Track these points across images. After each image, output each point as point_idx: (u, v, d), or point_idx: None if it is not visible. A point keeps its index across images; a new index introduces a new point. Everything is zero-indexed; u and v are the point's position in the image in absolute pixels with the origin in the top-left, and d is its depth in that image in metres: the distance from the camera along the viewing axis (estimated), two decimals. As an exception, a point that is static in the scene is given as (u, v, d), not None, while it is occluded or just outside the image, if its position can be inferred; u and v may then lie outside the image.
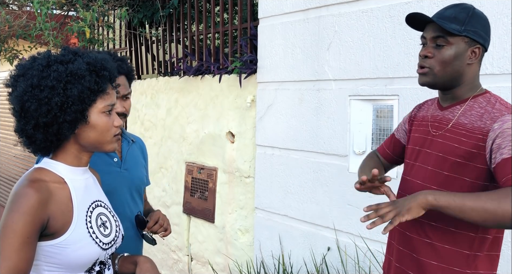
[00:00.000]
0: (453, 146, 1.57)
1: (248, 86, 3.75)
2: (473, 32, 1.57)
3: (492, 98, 1.60)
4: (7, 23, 4.72)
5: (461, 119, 1.59)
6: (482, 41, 1.59)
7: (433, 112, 1.71)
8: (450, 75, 1.59)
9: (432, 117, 1.70)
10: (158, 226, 2.00)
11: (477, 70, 1.63)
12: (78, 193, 1.45)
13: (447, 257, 1.57)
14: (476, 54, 1.59)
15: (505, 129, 1.47)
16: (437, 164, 1.60)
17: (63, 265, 1.39)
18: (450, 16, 1.58)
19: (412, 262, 1.64)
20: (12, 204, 1.33)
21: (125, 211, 1.97)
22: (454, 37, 1.57)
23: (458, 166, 1.55)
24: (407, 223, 1.62)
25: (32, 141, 1.42)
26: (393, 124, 2.77)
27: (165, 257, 4.69)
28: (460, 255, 1.56)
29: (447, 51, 1.58)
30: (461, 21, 1.57)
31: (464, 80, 1.61)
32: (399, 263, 1.70)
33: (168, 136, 4.64)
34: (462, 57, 1.58)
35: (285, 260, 3.38)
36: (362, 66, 2.88)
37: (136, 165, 2.10)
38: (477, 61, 1.61)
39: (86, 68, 1.42)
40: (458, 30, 1.56)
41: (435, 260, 1.59)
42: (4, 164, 8.77)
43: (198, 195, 4.23)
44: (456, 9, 1.60)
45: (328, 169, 3.10)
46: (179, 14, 4.70)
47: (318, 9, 3.14)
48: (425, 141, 1.68)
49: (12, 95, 1.42)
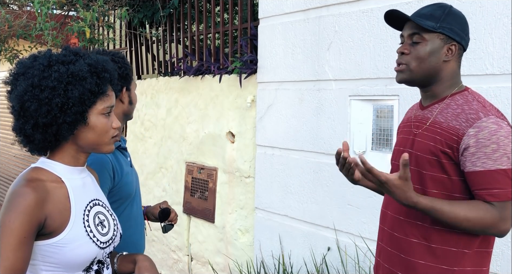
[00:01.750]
0: (429, 144, 1.59)
1: (248, 86, 3.75)
2: (449, 29, 1.59)
3: (470, 96, 1.60)
4: (7, 23, 4.72)
5: (438, 118, 1.60)
6: (459, 39, 1.60)
7: (416, 112, 1.73)
8: (427, 72, 1.61)
9: (414, 117, 1.72)
10: (174, 214, 2.26)
11: (456, 68, 1.64)
12: (75, 192, 1.45)
13: (436, 256, 1.58)
14: (452, 51, 1.60)
15: (480, 140, 1.48)
16: (417, 163, 1.61)
17: (60, 264, 1.38)
18: (426, 13, 1.61)
19: (401, 262, 1.65)
20: (9, 203, 1.33)
21: (138, 208, 2.09)
22: (429, 34, 1.59)
23: (435, 164, 1.57)
24: (395, 224, 1.66)
25: (30, 140, 1.42)
26: (393, 124, 2.77)
27: (165, 257, 4.69)
28: (448, 253, 1.57)
29: (422, 48, 1.60)
30: (437, 18, 1.59)
31: (442, 77, 1.62)
32: (388, 264, 1.71)
33: (168, 136, 4.64)
34: (438, 54, 1.60)
35: (285, 260, 3.38)
36: (363, 66, 2.88)
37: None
38: (454, 58, 1.62)
39: (87, 70, 1.41)
40: (433, 27, 1.58)
41: (423, 260, 1.60)
42: (4, 164, 8.78)
43: (198, 195, 4.23)
44: (433, 7, 1.63)
45: (328, 169, 3.10)
46: (179, 14, 4.70)
47: (319, 9, 3.14)
48: (407, 141, 1.69)
49: (12, 94, 1.41)
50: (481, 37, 2.38)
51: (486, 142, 1.48)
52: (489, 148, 1.47)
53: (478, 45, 2.38)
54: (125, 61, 2.00)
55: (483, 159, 1.48)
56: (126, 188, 1.95)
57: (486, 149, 1.47)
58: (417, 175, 1.61)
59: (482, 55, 2.38)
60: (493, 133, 1.48)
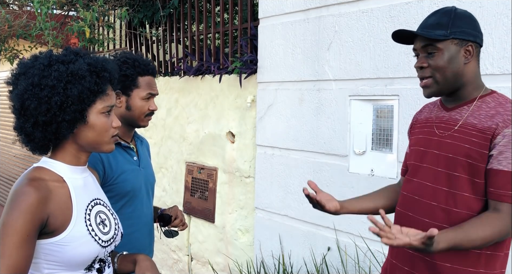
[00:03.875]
0: (463, 146, 1.55)
1: (248, 86, 3.75)
2: (460, 33, 1.57)
3: (501, 98, 1.59)
4: (7, 22, 4.72)
5: (470, 120, 1.57)
6: (473, 38, 1.59)
7: (438, 113, 1.69)
8: (452, 79, 1.59)
9: (437, 118, 1.68)
10: (178, 221, 2.14)
11: (476, 67, 1.62)
12: (77, 191, 1.46)
13: (458, 258, 1.55)
14: (470, 52, 1.59)
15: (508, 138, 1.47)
16: (448, 165, 1.58)
17: (62, 263, 1.39)
18: (433, 23, 1.59)
19: (422, 263, 1.62)
20: (12, 202, 1.34)
21: (143, 208, 2.06)
22: (442, 43, 1.57)
23: (469, 167, 1.54)
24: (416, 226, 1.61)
25: (30, 139, 1.43)
26: (393, 124, 2.77)
27: (165, 257, 4.69)
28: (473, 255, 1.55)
29: (440, 57, 1.58)
30: (445, 26, 1.57)
31: (466, 80, 1.60)
32: (408, 267, 1.66)
33: (168, 136, 4.64)
34: (457, 59, 1.58)
35: (285, 260, 3.38)
36: (362, 66, 2.88)
37: (148, 163, 2.17)
38: (473, 58, 1.60)
39: (87, 68, 1.43)
40: (444, 35, 1.56)
41: (450, 262, 1.56)
42: (4, 164, 8.78)
43: (198, 195, 4.23)
44: (438, 15, 1.61)
45: (328, 169, 3.10)
46: (179, 14, 4.70)
47: (319, 9, 3.15)
48: (431, 141, 1.65)
49: (13, 93, 1.43)
50: (481, 37, 2.38)
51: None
52: None
53: (478, 45, 2.39)
54: (126, 66, 1.98)
55: (510, 159, 1.46)
56: (123, 185, 1.94)
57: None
58: (446, 177, 1.58)
59: (482, 55, 2.37)
60: None
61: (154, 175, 2.21)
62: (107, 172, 1.90)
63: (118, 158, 1.96)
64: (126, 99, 2.01)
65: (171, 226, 2.15)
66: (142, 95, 2.02)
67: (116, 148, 1.93)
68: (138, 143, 2.14)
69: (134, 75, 1.99)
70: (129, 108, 2.01)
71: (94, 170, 1.77)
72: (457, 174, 1.55)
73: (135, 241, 1.98)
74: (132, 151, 2.05)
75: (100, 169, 1.88)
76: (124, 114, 2.01)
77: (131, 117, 2.02)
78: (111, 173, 1.91)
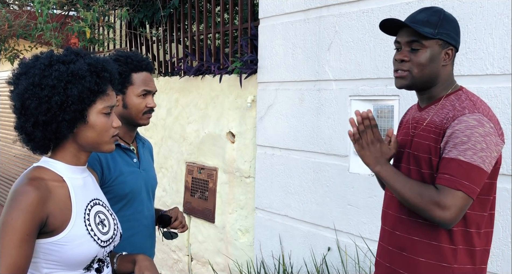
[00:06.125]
0: (425, 143, 1.63)
1: (249, 86, 3.75)
2: (446, 35, 1.63)
3: (464, 95, 1.65)
4: (7, 22, 4.72)
5: (434, 118, 1.64)
6: (454, 43, 1.65)
7: (414, 114, 1.77)
8: (428, 77, 1.65)
9: (412, 119, 1.75)
10: (178, 223, 2.12)
11: (451, 70, 1.69)
12: (76, 191, 1.46)
13: (438, 253, 1.60)
14: (449, 55, 1.65)
15: (455, 131, 1.54)
16: (416, 162, 1.65)
17: (61, 262, 1.40)
18: (423, 19, 1.63)
19: (403, 260, 1.67)
20: (11, 201, 1.35)
21: (143, 210, 2.04)
22: (428, 41, 1.62)
23: (430, 162, 1.60)
24: (396, 223, 1.69)
25: (31, 139, 1.44)
26: (393, 124, 2.77)
27: (165, 257, 4.69)
28: (448, 250, 1.59)
29: (423, 54, 1.63)
30: (434, 25, 1.62)
31: (439, 81, 1.67)
32: (389, 263, 1.72)
33: (169, 136, 4.64)
34: (437, 60, 1.64)
35: (285, 260, 3.38)
36: (363, 67, 2.88)
37: (150, 166, 2.15)
38: (450, 62, 1.67)
39: (87, 69, 1.43)
40: (432, 34, 1.61)
41: (425, 257, 1.61)
42: (4, 164, 8.78)
43: (198, 195, 4.23)
44: (428, 13, 1.65)
45: (329, 169, 3.10)
46: (179, 14, 4.70)
47: (319, 9, 3.15)
48: (407, 142, 1.72)
49: (14, 93, 1.44)
50: (481, 38, 2.38)
51: (459, 134, 1.53)
52: (458, 138, 1.52)
53: (479, 45, 2.39)
54: (118, 63, 1.93)
55: (450, 147, 1.54)
56: (122, 187, 1.92)
57: (456, 139, 1.53)
58: (418, 174, 1.64)
59: (482, 55, 2.38)
60: (469, 128, 1.52)
61: (156, 178, 2.17)
62: (105, 173, 1.89)
63: (116, 159, 1.94)
64: (122, 97, 1.98)
65: (171, 228, 2.13)
66: (137, 92, 1.98)
67: (115, 149, 1.92)
68: (140, 145, 2.12)
69: (127, 72, 1.96)
70: (125, 106, 1.98)
71: (92, 170, 1.77)
72: (423, 170, 1.63)
73: (135, 244, 1.96)
74: (132, 153, 2.03)
75: (98, 170, 1.86)
76: (122, 113, 1.97)
77: (129, 115, 1.99)
78: (109, 174, 1.90)
